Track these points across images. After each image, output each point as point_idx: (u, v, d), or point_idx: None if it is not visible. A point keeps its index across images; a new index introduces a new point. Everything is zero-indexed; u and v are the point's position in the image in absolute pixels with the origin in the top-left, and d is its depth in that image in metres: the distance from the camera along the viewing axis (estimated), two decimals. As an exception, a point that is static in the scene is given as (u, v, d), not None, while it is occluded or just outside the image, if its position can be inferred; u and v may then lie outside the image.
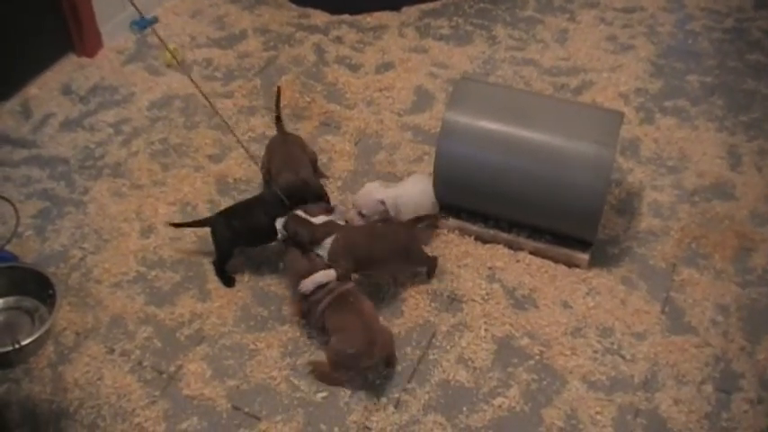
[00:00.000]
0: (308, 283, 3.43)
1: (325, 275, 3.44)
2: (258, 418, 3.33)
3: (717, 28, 5.51)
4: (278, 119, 4.27)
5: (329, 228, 3.53)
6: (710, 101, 4.87)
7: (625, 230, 4.08)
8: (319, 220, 3.56)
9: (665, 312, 3.72)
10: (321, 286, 3.42)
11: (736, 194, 4.28)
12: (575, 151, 3.68)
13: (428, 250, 3.92)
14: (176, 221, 3.97)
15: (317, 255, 3.51)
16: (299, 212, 3.57)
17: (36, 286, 3.59)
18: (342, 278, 3.46)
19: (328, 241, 3.51)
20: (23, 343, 3.31)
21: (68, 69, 5.06)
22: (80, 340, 3.61)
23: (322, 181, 4.14)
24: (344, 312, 3.37)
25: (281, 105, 4.39)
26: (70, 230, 4.08)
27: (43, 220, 4.14)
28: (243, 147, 3.74)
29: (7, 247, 3.84)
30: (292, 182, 3.78)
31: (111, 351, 3.57)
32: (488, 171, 3.80)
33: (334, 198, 4.15)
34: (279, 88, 4.43)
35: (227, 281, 3.83)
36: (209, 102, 3.62)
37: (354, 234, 3.60)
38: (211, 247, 3.88)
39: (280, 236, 3.57)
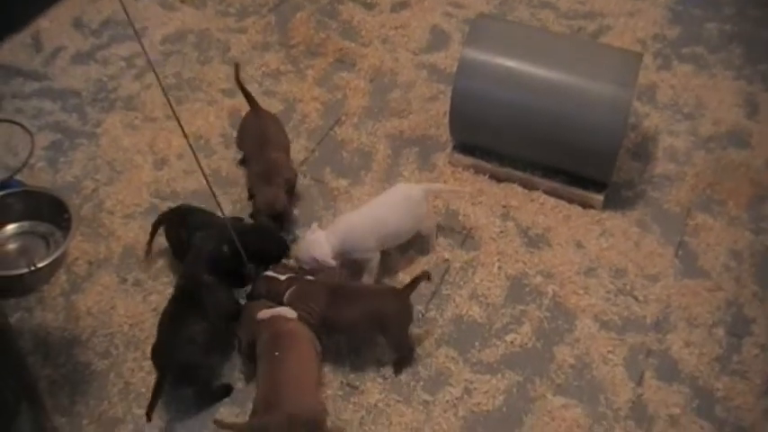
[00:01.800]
0: (266, 312, 3.19)
1: (288, 311, 3.19)
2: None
3: (737, -25, 5.42)
4: (246, 95, 3.96)
5: (291, 282, 3.30)
6: (729, 49, 4.80)
7: (640, 174, 4.05)
8: (284, 277, 3.33)
9: (679, 256, 3.72)
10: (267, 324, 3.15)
11: (751, 143, 4.24)
12: (593, 91, 3.65)
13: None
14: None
15: None
16: (269, 272, 3.34)
17: (51, 211, 3.58)
18: (307, 323, 3.19)
19: (288, 293, 3.27)
20: (39, 265, 3.31)
21: (80, 2, 4.98)
22: (92, 270, 3.61)
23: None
24: (266, 363, 3.02)
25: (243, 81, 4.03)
26: (83, 162, 4.06)
27: (55, 151, 4.12)
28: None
29: (19, 178, 3.83)
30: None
31: (124, 281, 3.57)
32: (505, 109, 3.77)
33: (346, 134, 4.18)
34: (236, 65, 4.02)
35: None
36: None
37: (313, 288, 3.28)
38: (224, 181, 3.92)
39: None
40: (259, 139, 3.81)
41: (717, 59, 4.73)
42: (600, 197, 3.86)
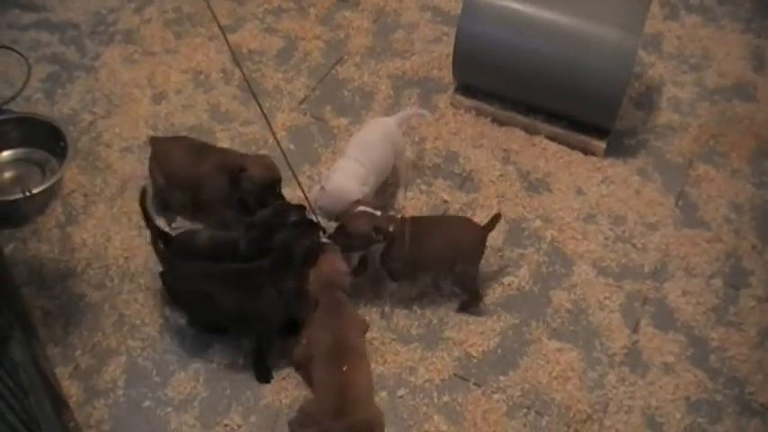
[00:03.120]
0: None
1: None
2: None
3: (748, -75, 5.33)
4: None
5: (390, 218, 3.20)
6: (737, 2, 4.74)
7: (643, 123, 4.02)
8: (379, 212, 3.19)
9: (679, 206, 3.70)
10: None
11: (757, 96, 4.20)
12: (599, 35, 3.61)
13: (444, 130, 3.89)
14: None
15: None
16: (364, 208, 3.13)
17: (46, 138, 3.54)
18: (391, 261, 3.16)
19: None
20: (34, 191, 3.28)
21: (79, -67, 4.91)
22: (88, 202, 3.59)
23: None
24: (331, 375, 2.87)
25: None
26: (80, 95, 4.02)
27: (53, 83, 4.07)
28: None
29: (15, 109, 3.78)
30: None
31: (120, 214, 3.54)
32: (509, 51, 3.72)
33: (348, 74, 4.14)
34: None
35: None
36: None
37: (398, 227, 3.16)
38: (222, 117, 3.85)
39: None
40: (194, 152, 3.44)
41: (725, 11, 4.67)
42: (602, 144, 3.83)
